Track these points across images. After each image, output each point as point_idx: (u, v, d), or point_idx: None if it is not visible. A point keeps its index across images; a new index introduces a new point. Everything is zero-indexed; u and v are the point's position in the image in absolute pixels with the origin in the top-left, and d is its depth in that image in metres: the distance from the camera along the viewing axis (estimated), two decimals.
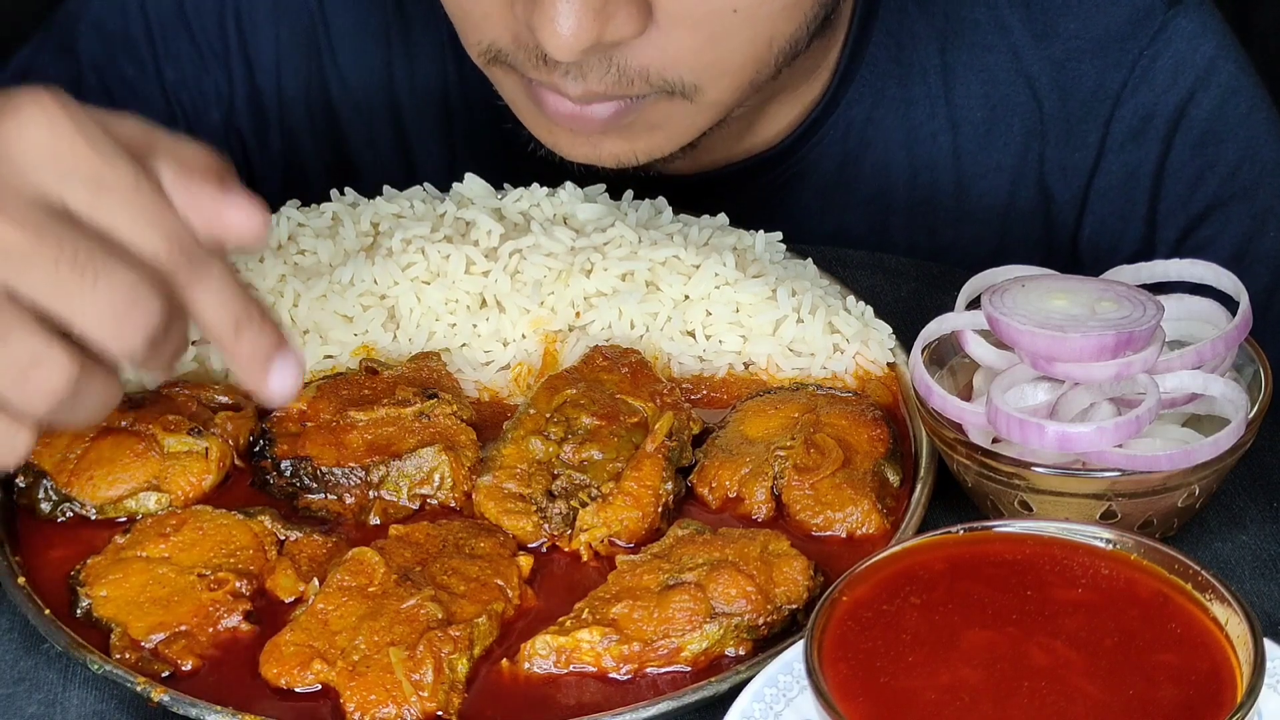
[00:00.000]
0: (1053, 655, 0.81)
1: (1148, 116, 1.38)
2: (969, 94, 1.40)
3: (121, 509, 1.13)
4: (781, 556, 1.06)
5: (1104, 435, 1.06)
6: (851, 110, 1.40)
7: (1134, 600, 0.84)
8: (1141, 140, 1.38)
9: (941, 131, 1.41)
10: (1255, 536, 1.14)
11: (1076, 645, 0.82)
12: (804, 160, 1.41)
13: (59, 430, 0.98)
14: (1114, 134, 1.38)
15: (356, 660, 1.00)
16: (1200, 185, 1.38)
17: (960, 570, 0.86)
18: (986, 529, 0.88)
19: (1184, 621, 0.82)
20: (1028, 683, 0.79)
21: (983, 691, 0.79)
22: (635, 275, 1.25)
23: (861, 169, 1.42)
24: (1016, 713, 0.78)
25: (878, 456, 1.15)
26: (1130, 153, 1.38)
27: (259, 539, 1.09)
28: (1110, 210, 1.40)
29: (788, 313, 1.24)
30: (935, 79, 1.40)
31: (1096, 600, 0.84)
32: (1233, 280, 1.16)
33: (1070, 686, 0.79)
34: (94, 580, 1.06)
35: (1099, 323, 1.09)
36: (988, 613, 0.84)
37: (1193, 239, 1.39)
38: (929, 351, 1.16)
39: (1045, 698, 0.79)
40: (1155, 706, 0.78)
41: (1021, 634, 0.82)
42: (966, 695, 0.79)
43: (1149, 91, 1.37)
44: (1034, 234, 1.42)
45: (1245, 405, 1.08)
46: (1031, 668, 0.80)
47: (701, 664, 1.02)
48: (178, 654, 1.02)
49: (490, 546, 1.09)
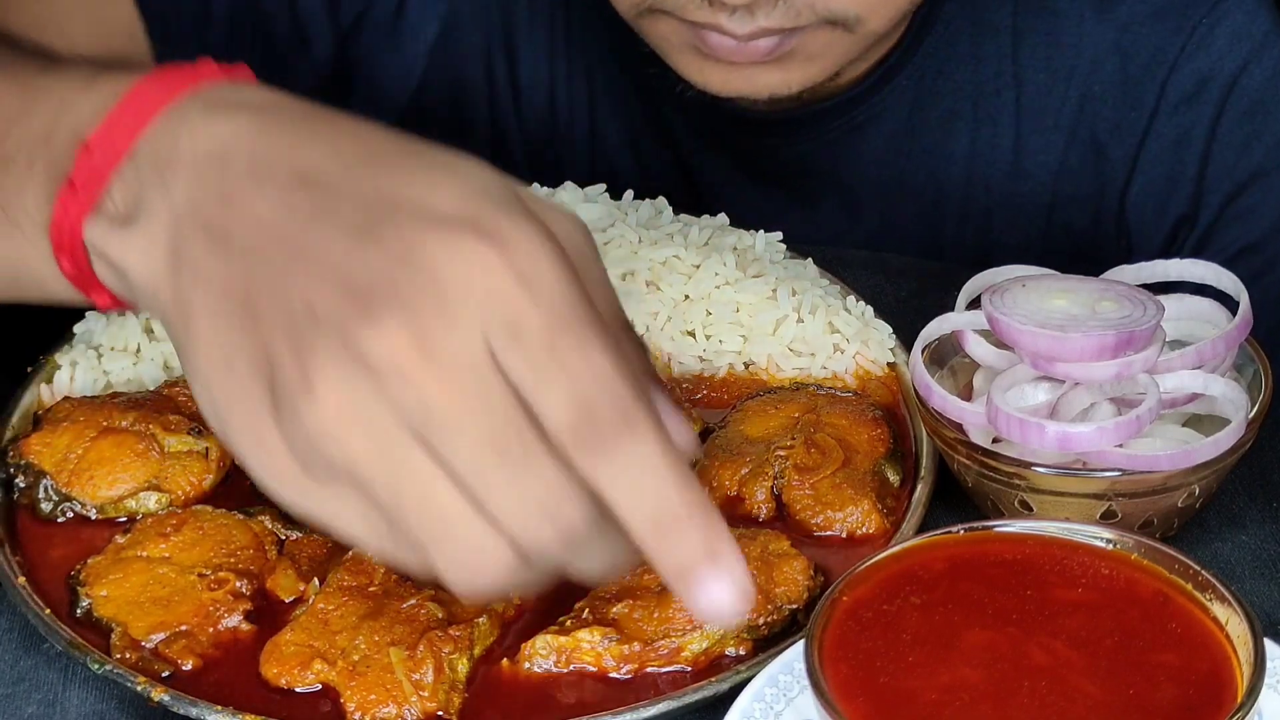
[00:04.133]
0: (1053, 655, 0.81)
1: (1203, 81, 1.40)
2: (1034, 55, 1.43)
3: (121, 509, 1.13)
4: (781, 556, 1.06)
5: (1104, 435, 1.06)
6: (925, 61, 1.43)
7: (1134, 600, 0.84)
8: (1195, 104, 1.40)
9: (1006, 88, 1.44)
10: (1255, 536, 1.14)
11: (1077, 645, 0.81)
12: (877, 106, 1.44)
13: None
14: (1168, 97, 1.40)
15: (357, 660, 1.00)
16: (1246, 153, 1.40)
17: (960, 570, 0.86)
18: (986, 529, 0.88)
19: (1184, 621, 0.82)
20: (1028, 682, 0.79)
21: (983, 691, 0.79)
22: (636, 275, 1.25)
23: (928, 119, 1.45)
24: (1016, 712, 0.78)
25: (878, 456, 1.15)
26: (1183, 115, 1.41)
27: (259, 539, 1.09)
28: (1160, 171, 1.42)
29: (788, 313, 1.24)
30: (1005, 38, 1.43)
31: (1097, 600, 0.84)
32: (1233, 280, 1.16)
33: (1070, 686, 0.79)
34: (94, 580, 1.06)
35: (1099, 323, 1.09)
36: (988, 613, 0.83)
37: (1235, 205, 1.41)
38: (929, 351, 1.16)
39: (1045, 697, 0.79)
40: (1155, 706, 0.78)
41: (1022, 634, 0.82)
42: (967, 695, 0.79)
43: (1205, 57, 1.39)
44: (1084, 190, 1.45)
45: (1245, 405, 1.08)
46: (1032, 667, 0.80)
47: (701, 664, 1.02)
48: (178, 654, 1.02)
49: None
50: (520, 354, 0.74)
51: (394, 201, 0.76)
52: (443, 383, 0.73)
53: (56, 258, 0.87)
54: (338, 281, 0.74)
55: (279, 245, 0.76)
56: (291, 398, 0.74)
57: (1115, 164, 1.44)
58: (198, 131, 0.81)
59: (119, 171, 0.83)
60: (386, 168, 0.78)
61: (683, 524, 0.74)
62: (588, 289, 0.77)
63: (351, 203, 0.77)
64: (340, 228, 0.76)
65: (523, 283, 0.74)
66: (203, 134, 0.81)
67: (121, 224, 0.82)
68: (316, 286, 0.75)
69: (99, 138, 0.84)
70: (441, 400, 0.73)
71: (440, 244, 0.75)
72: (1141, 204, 1.44)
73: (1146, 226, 1.43)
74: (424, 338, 0.73)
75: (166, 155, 0.81)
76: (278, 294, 0.75)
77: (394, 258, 0.74)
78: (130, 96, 0.84)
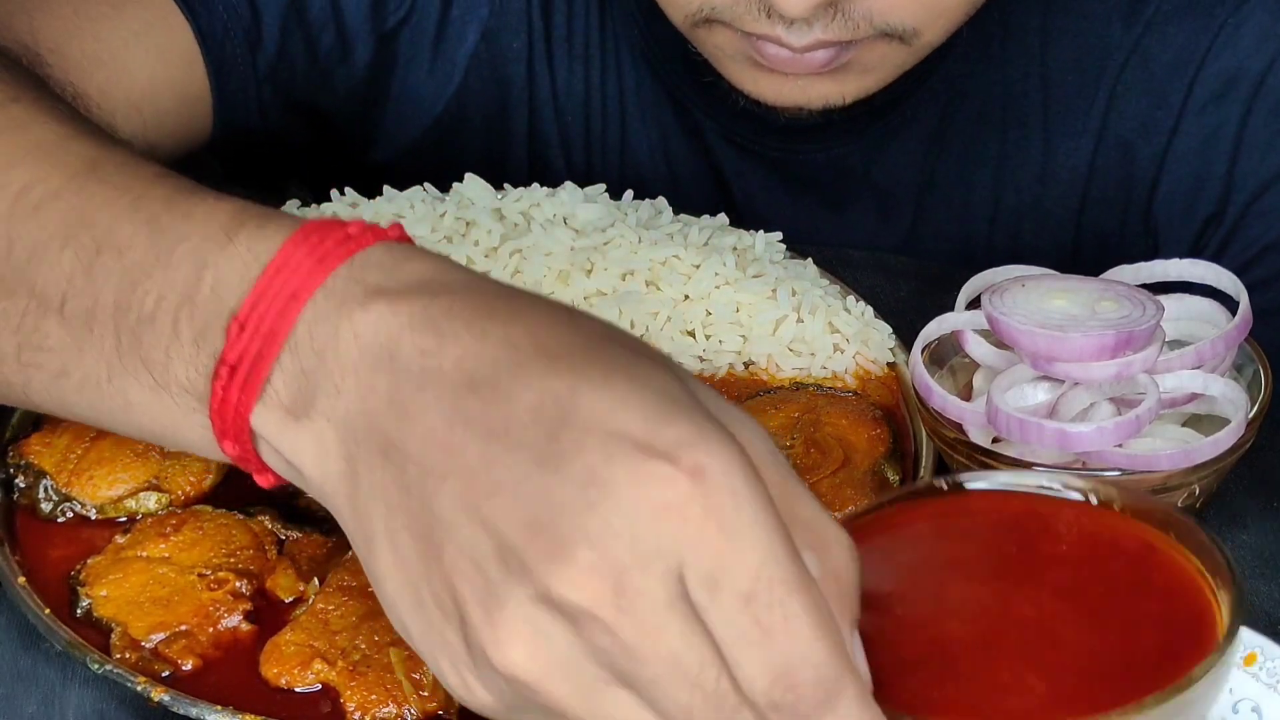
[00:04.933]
0: (1038, 607, 0.81)
1: (1230, 80, 1.40)
2: (1063, 56, 1.43)
3: (121, 509, 1.13)
4: None
5: (1104, 435, 1.06)
6: (956, 64, 1.44)
7: (1118, 551, 0.83)
8: (1223, 103, 1.40)
9: (1034, 90, 1.44)
10: (1256, 536, 1.14)
11: (1061, 597, 0.81)
12: (911, 109, 1.44)
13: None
14: (1196, 95, 1.40)
15: (357, 660, 1.00)
16: (1272, 151, 1.40)
17: (943, 527, 0.85)
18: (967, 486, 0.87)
19: (1167, 569, 0.82)
20: (1013, 634, 0.79)
21: (968, 644, 0.78)
22: (635, 275, 1.25)
23: (958, 122, 1.45)
24: (1002, 663, 0.77)
25: (878, 456, 1.15)
26: (1211, 115, 1.40)
27: (259, 539, 1.09)
28: (1188, 171, 1.42)
29: (788, 312, 1.24)
30: (1034, 39, 1.43)
31: (1081, 553, 0.84)
32: (1233, 280, 1.16)
33: (1055, 636, 0.79)
34: (94, 580, 1.06)
35: (1099, 322, 1.09)
36: (972, 569, 0.83)
37: (1259, 203, 1.41)
38: (929, 351, 1.16)
39: (1030, 648, 0.78)
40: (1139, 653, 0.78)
41: (1006, 588, 0.81)
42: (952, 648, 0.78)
43: (1232, 56, 1.39)
44: (1113, 191, 1.45)
45: (1245, 405, 1.08)
46: (1017, 620, 0.80)
47: None
48: (178, 654, 1.02)
49: None
50: (717, 609, 0.70)
51: (573, 415, 0.71)
52: (639, 629, 0.70)
53: (219, 441, 0.83)
54: (519, 515, 0.71)
55: (454, 467, 0.72)
56: (482, 645, 0.72)
57: (1143, 164, 1.43)
58: (360, 323, 0.76)
59: (279, 360, 0.78)
60: (563, 366, 0.73)
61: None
62: (783, 501, 0.72)
63: (527, 415, 0.72)
64: (517, 448, 0.71)
65: (720, 524, 0.70)
66: (365, 327, 0.76)
67: (292, 418, 0.78)
68: (497, 520, 0.71)
69: (251, 315, 0.79)
70: (641, 646, 0.70)
71: (629, 474, 0.70)
72: (1169, 204, 1.43)
73: (1174, 227, 1.43)
74: (617, 580, 0.69)
75: (329, 349, 0.77)
76: (457, 527, 0.72)
77: (579, 488, 0.70)
78: (279, 266, 0.79)
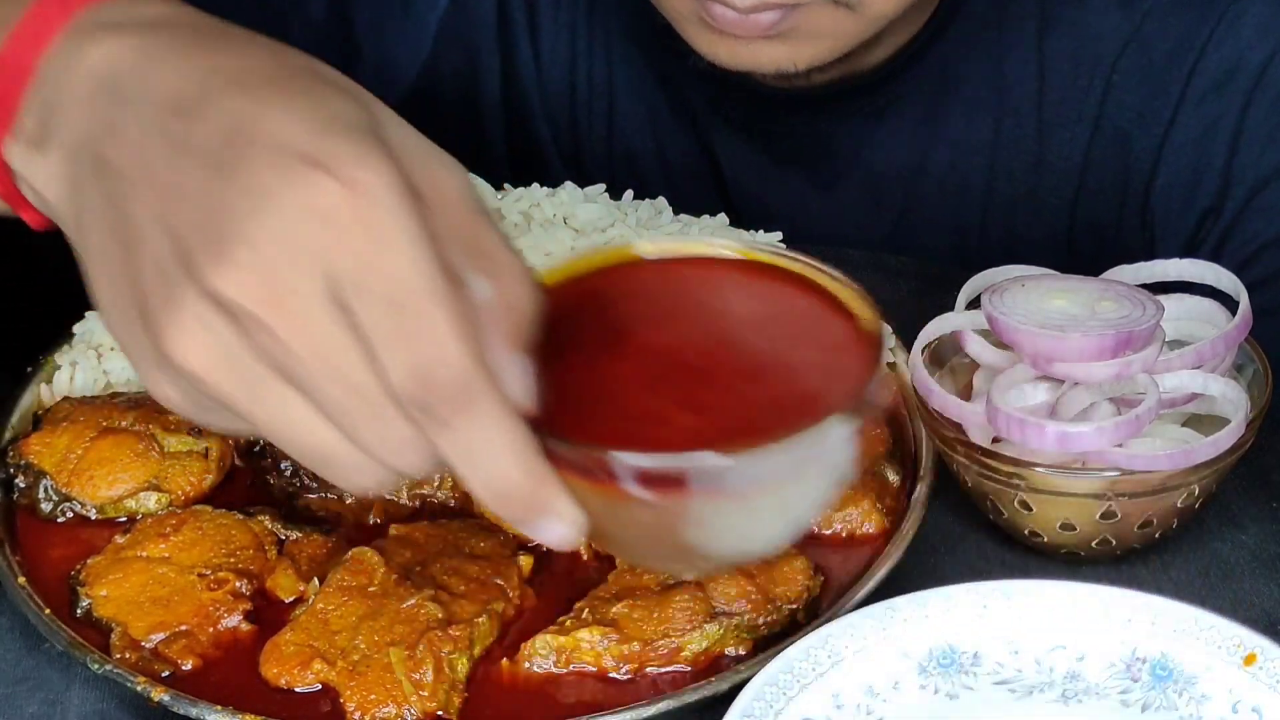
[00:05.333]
0: (702, 355, 0.86)
1: (1230, 71, 1.39)
2: (1059, 44, 1.43)
3: (121, 509, 1.13)
4: (781, 556, 1.06)
5: (1104, 435, 1.06)
6: (950, 47, 1.43)
7: (777, 307, 0.89)
8: (1222, 94, 1.39)
9: (1030, 78, 1.44)
10: (1255, 536, 1.14)
11: (723, 347, 0.87)
12: (900, 90, 1.44)
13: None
14: (1195, 86, 1.40)
15: (356, 660, 1.00)
16: (1272, 146, 1.39)
17: (626, 288, 0.89)
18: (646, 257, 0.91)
19: (821, 324, 0.88)
20: (674, 376, 0.84)
21: (634, 384, 0.84)
22: None
23: (951, 107, 1.45)
24: (659, 401, 0.83)
25: (877, 456, 1.15)
26: (1210, 106, 1.40)
27: (259, 539, 1.09)
28: (1186, 163, 1.41)
29: None
30: (1031, 26, 1.43)
31: (742, 308, 0.89)
32: (1233, 280, 1.16)
33: (712, 380, 0.84)
34: (94, 580, 1.06)
35: (1099, 322, 1.09)
36: (647, 322, 0.88)
37: (1259, 199, 1.40)
38: (929, 351, 1.16)
39: (687, 389, 0.84)
40: (788, 398, 0.83)
41: (675, 339, 0.87)
42: (619, 387, 0.84)
43: (1232, 46, 1.39)
44: (1109, 181, 1.44)
45: (1245, 405, 1.08)
46: (679, 364, 0.85)
47: (701, 663, 1.02)
48: (178, 654, 1.02)
49: (490, 546, 1.09)
50: (364, 311, 0.75)
51: (252, 131, 0.76)
52: (292, 326, 0.75)
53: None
54: (193, 219, 0.76)
55: (149, 177, 0.78)
56: (161, 342, 0.76)
57: (1140, 155, 1.43)
58: (89, 53, 0.82)
59: (27, 93, 0.84)
60: (254, 91, 0.78)
61: (517, 493, 0.78)
62: (454, 230, 0.78)
63: (214, 131, 0.77)
64: (199, 160, 0.77)
65: (368, 233, 0.75)
66: (93, 56, 0.82)
67: (37, 149, 0.83)
68: (176, 224, 0.76)
69: (6, 54, 0.84)
70: (294, 343, 0.75)
71: (290, 183, 0.75)
72: (1167, 196, 1.43)
73: (1172, 219, 1.42)
74: (272, 279, 0.74)
75: (65, 81, 0.82)
76: (146, 232, 0.77)
77: (245, 194, 0.75)
78: (35, 10, 0.85)
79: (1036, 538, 1.11)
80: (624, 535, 0.84)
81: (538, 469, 0.79)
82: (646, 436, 0.80)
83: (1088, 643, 0.99)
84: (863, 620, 0.99)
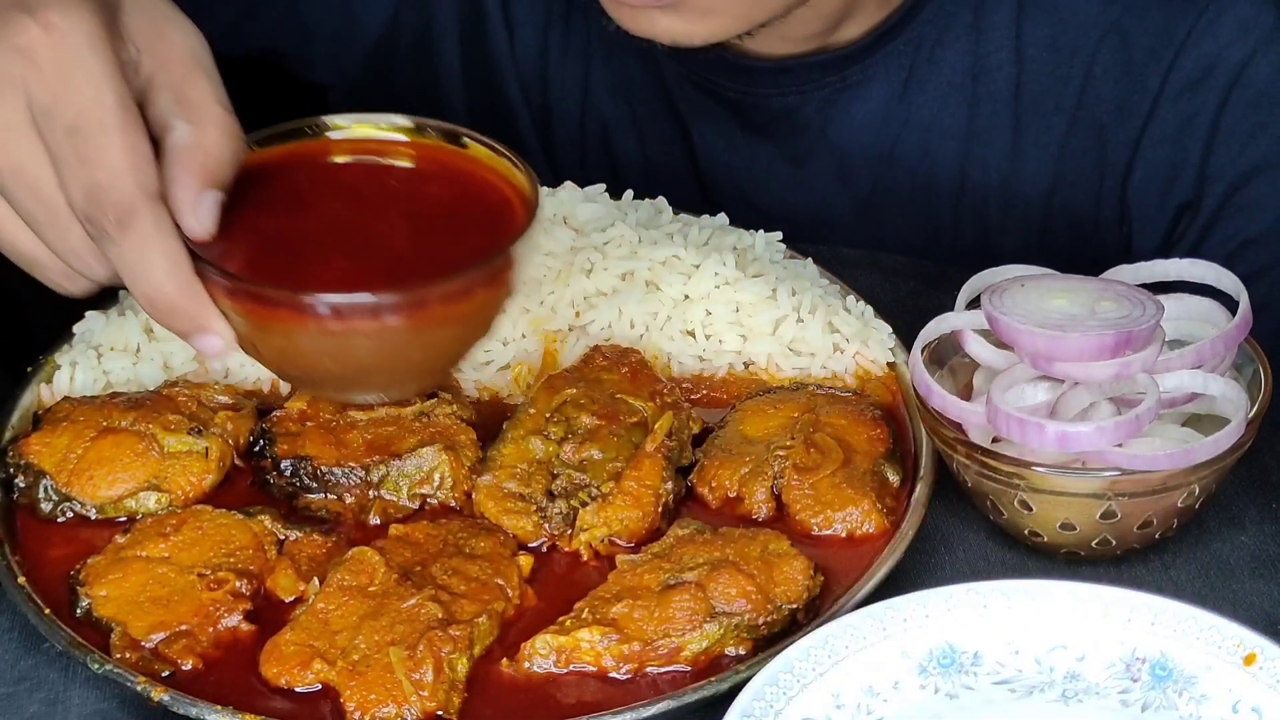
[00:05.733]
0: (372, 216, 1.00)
1: (1209, 67, 1.39)
2: (1037, 33, 1.43)
3: (121, 509, 1.13)
4: (781, 556, 1.06)
5: (1104, 435, 1.06)
6: (924, 28, 1.43)
7: (439, 173, 1.03)
8: (1200, 90, 1.40)
9: (1007, 64, 1.44)
10: (1254, 537, 1.14)
11: (392, 209, 1.01)
12: (870, 68, 1.44)
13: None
14: (1173, 80, 1.40)
15: (356, 660, 1.00)
16: (1251, 144, 1.39)
17: (301, 163, 1.02)
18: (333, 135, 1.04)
19: (478, 184, 1.02)
20: (341, 232, 0.99)
21: (311, 237, 0.99)
22: (635, 275, 1.25)
23: (925, 89, 1.45)
24: (325, 249, 0.97)
25: (877, 456, 1.15)
26: (1188, 101, 1.40)
27: (259, 539, 1.09)
28: (1163, 156, 1.41)
29: (788, 312, 1.24)
30: (1009, 13, 1.43)
31: (412, 176, 1.03)
32: (1233, 280, 1.16)
33: (376, 235, 0.99)
34: (94, 580, 1.06)
35: (1099, 322, 1.09)
36: (324, 194, 1.02)
37: (1239, 197, 1.40)
38: (929, 351, 1.16)
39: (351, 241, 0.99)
40: (458, 248, 0.97)
41: (352, 203, 1.01)
42: (296, 238, 0.98)
43: (1212, 43, 1.39)
44: (1086, 172, 1.44)
45: (1245, 405, 1.08)
46: (348, 222, 1.00)
47: (701, 663, 1.02)
48: (178, 653, 1.02)
49: (490, 546, 1.09)
50: (51, 135, 0.92)
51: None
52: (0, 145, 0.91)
53: None
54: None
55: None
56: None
57: (1117, 147, 1.43)
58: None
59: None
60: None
61: (172, 307, 0.94)
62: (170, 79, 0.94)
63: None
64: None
65: (57, 67, 0.91)
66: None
67: None
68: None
69: None
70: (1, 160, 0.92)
71: (3, 23, 0.92)
72: (1144, 189, 1.43)
73: (1149, 212, 1.43)
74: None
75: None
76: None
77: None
78: None
79: (1036, 538, 1.11)
80: (288, 360, 0.98)
81: (192, 287, 0.93)
82: (310, 276, 0.95)
83: (1088, 643, 0.99)
84: (863, 620, 0.99)
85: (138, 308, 1.23)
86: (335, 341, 0.95)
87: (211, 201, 0.94)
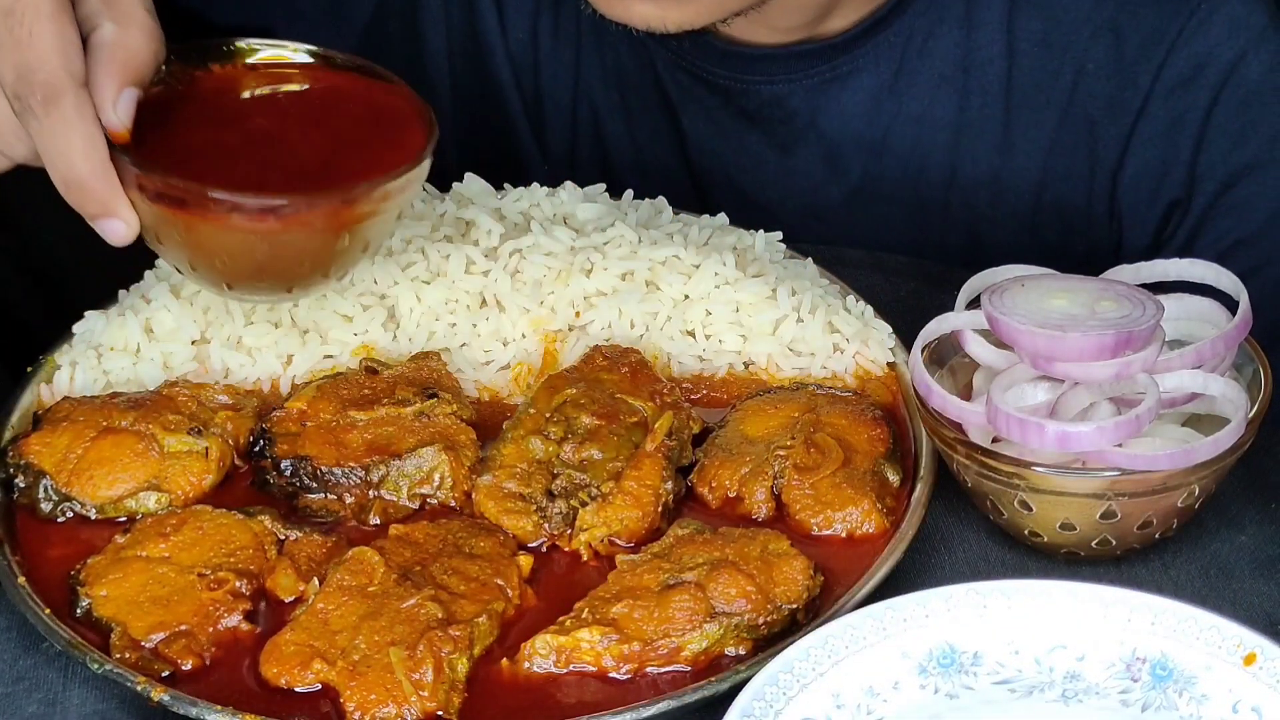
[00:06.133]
0: (281, 130, 1.10)
1: (1200, 66, 1.40)
2: (1030, 28, 1.43)
3: (121, 509, 1.13)
4: (781, 556, 1.06)
5: (1104, 435, 1.06)
6: (915, 20, 1.43)
7: (345, 99, 1.12)
8: (1191, 88, 1.40)
9: (999, 58, 1.44)
10: (1254, 538, 1.14)
11: (298, 123, 1.11)
12: (861, 58, 1.44)
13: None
14: (1164, 78, 1.40)
15: (356, 660, 1.00)
16: (1242, 143, 1.40)
17: (233, 79, 1.12)
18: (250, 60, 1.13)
19: (382, 102, 1.12)
20: (253, 143, 1.08)
21: (229, 148, 1.08)
22: (635, 275, 1.25)
23: (915, 81, 1.45)
24: (236, 155, 1.07)
25: (877, 456, 1.15)
26: (1179, 98, 1.40)
27: (259, 539, 1.09)
28: (1153, 154, 1.42)
29: (788, 312, 1.24)
30: (1000, 7, 1.43)
31: (316, 97, 1.12)
32: (1232, 280, 1.16)
33: (282, 143, 1.09)
34: (94, 580, 1.06)
35: (1099, 322, 1.09)
36: (240, 111, 1.11)
37: (1229, 196, 1.41)
38: (929, 351, 1.16)
39: (259, 149, 1.08)
40: (361, 161, 1.07)
41: (265, 117, 1.11)
42: (216, 145, 1.07)
43: (1203, 42, 1.39)
44: (1076, 168, 1.45)
45: (1245, 405, 1.08)
46: (259, 133, 1.09)
47: (701, 663, 1.02)
48: (178, 653, 1.02)
49: (490, 546, 1.09)
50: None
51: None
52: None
53: None
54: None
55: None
56: None
57: (1108, 143, 1.43)
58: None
59: None
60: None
61: (85, 188, 1.02)
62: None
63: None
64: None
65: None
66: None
67: None
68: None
69: None
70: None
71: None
72: (1135, 186, 1.43)
73: (1139, 209, 1.43)
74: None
75: None
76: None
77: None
78: None
79: (1036, 538, 1.11)
80: (187, 254, 1.07)
81: (105, 170, 1.02)
82: (219, 176, 1.03)
83: (1088, 643, 0.99)
84: (863, 620, 0.99)
85: (138, 308, 1.23)
86: (233, 239, 1.05)
87: (130, 98, 1.03)
